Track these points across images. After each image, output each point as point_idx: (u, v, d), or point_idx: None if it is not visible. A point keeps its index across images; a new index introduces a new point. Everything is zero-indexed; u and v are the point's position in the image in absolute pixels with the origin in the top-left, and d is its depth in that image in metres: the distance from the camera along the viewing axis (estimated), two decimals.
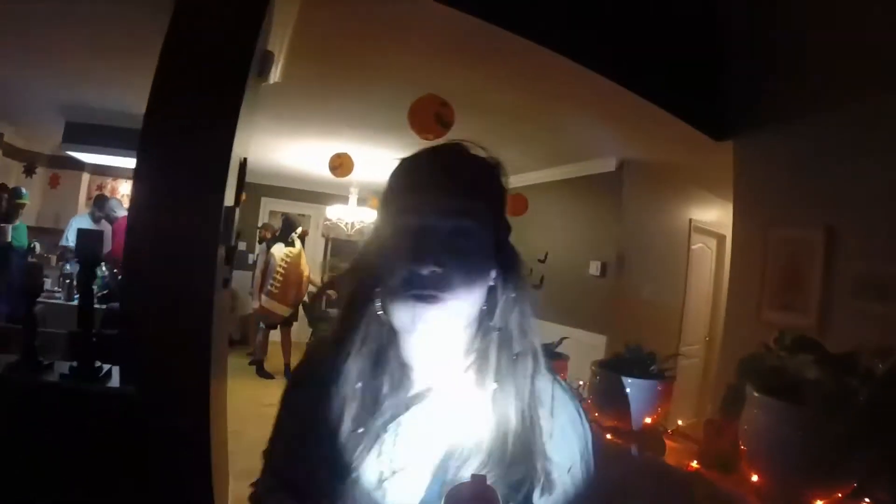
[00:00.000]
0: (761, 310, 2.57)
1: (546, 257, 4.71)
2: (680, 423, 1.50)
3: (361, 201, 5.90)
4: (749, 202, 2.87)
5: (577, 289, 4.27)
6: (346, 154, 4.07)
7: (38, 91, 3.62)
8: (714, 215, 4.78)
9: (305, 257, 5.52)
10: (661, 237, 4.36)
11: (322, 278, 6.72)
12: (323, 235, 7.62)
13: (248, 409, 4.38)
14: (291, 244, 5.27)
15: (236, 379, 5.22)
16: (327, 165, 4.11)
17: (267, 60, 2.10)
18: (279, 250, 5.22)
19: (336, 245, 7.75)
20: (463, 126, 3.53)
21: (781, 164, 2.62)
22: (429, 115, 2.44)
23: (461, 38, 2.30)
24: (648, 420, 1.45)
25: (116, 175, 6.03)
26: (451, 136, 2.87)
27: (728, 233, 4.45)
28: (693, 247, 4.61)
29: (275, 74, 2.77)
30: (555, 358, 2.00)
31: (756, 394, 1.20)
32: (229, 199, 1.59)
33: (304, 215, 7.33)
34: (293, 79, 2.91)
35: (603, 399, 1.50)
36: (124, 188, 6.03)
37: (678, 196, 4.47)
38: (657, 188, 4.29)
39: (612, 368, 1.50)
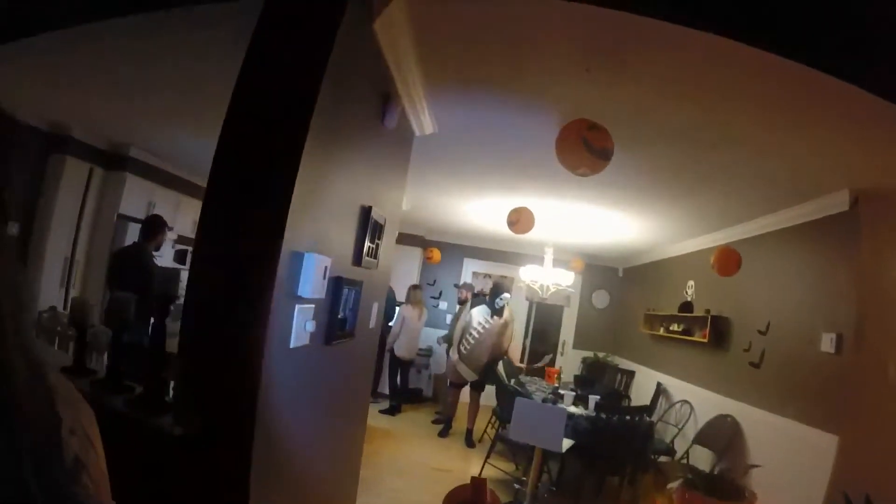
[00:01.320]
0: None
1: (768, 328, 3.56)
2: None
3: (559, 262, 5.44)
4: None
5: (803, 370, 3.11)
6: (524, 208, 3.80)
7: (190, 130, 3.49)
8: None
9: (511, 329, 5.25)
10: None
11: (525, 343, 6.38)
12: (527, 298, 7.33)
13: (416, 469, 4.21)
14: (499, 312, 5.06)
15: (415, 437, 5.18)
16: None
17: (388, 103, 2.01)
18: (479, 313, 5.09)
19: (539, 308, 7.33)
20: (636, 163, 2.84)
21: None
22: (575, 143, 1.98)
23: (624, 43, 1.82)
24: None
25: None
26: (618, 167, 2.28)
27: None
28: None
29: (426, 124, 2.73)
30: (732, 498, 1.22)
31: None
32: (292, 243, 1.50)
33: (506, 277, 7.21)
34: (448, 129, 2.82)
35: None
36: None
37: None
38: None
39: None
